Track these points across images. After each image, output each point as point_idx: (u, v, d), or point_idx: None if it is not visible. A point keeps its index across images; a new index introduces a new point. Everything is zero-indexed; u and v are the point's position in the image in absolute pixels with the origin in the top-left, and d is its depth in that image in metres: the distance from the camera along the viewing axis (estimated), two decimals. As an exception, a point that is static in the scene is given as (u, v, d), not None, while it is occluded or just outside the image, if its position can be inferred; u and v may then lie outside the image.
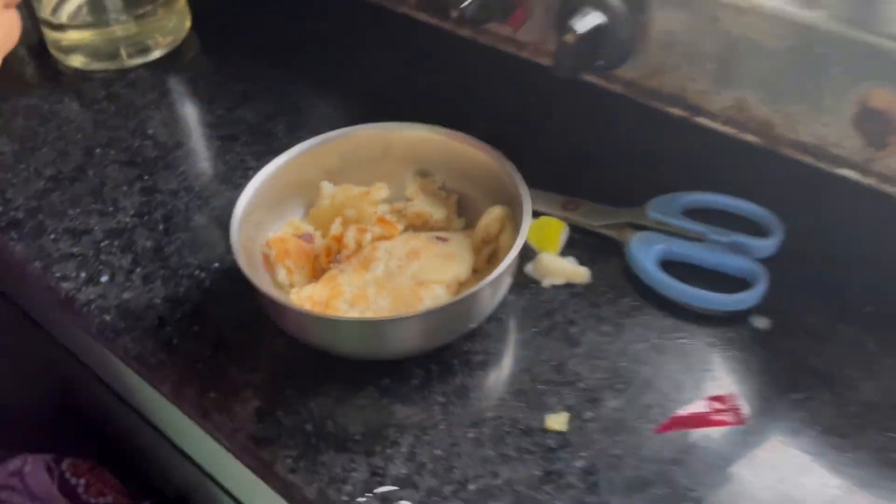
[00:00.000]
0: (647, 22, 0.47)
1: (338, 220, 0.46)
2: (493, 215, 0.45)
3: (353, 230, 0.45)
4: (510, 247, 0.41)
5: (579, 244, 0.48)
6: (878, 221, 0.45)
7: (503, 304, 0.43)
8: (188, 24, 0.68)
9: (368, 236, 0.45)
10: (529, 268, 0.47)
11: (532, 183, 0.44)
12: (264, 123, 0.59)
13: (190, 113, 0.62)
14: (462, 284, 0.43)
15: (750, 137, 0.47)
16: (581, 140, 0.55)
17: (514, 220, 0.44)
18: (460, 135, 0.47)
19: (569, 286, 0.46)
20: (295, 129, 0.58)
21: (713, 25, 0.45)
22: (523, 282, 0.46)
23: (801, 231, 0.46)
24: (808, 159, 0.45)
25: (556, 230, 0.48)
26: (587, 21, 0.46)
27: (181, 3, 0.68)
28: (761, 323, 0.43)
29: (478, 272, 0.44)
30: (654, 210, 0.48)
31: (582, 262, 0.47)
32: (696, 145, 0.49)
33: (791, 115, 0.45)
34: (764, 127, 0.46)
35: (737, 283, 0.44)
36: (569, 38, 0.46)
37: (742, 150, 0.47)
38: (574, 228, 0.49)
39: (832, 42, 0.41)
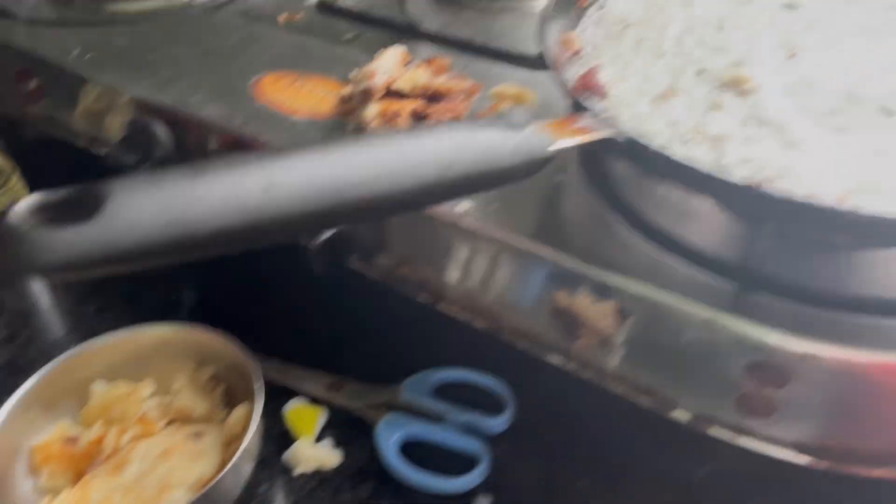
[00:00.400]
0: (387, 227, 0.52)
1: (99, 422, 0.49)
2: (236, 415, 0.49)
3: (113, 431, 0.49)
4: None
5: (339, 425, 0.52)
6: (586, 401, 0.50)
7: (254, 498, 0.47)
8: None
9: (126, 437, 0.48)
10: (287, 455, 0.51)
11: (303, 362, 0.49)
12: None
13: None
14: (206, 483, 0.47)
15: (482, 323, 0.52)
16: (350, 322, 0.59)
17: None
18: (215, 331, 0.52)
19: (318, 473, 0.50)
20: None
21: (433, 231, 0.50)
22: (279, 470, 0.50)
23: (528, 407, 0.51)
24: (526, 345, 0.50)
25: (312, 417, 0.52)
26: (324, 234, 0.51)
27: (14, 181, 0.72)
28: (485, 502, 0.47)
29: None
30: (408, 390, 0.53)
31: (338, 445, 0.51)
32: (444, 327, 0.54)
33: (507, 308, 0.50)
34: (491, 315, 0.51)
35: (469, 463, 0.49)
36: (311, 245, 0.51)
37: (480, 333, 0.52)
38: (338, 409, 0.53)
39: (526, 257, 0.47)
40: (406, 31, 0.69)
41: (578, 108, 0.43)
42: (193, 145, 0.60)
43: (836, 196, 0.38)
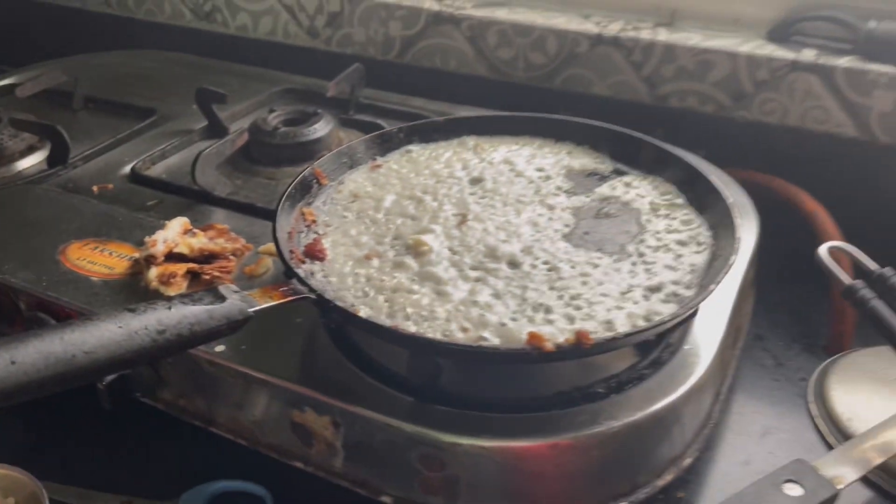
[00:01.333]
0: (164, 366, 0.65)
1: None
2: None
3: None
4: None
5: (127, 537, 0.63)
6: (323, 496, 0.62)
7: None
8: None
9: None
10: (78, 565, 0.60)
11: (97, 486, 0.59)
12: None
13: None
14: None
15: (243, 440, 0.64)
16: (137, 447, 0.70)
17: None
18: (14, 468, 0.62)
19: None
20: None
21: (199, 369, 0.63)
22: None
23: (283, 506, 0.63)
24: (277, 455, 0.63)
25: (100, 532, 0.62)
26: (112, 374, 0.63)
27: None
28: (242, 588, 0.59)
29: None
30: (185, 501, 0.64)
31: (122, 556, 0.61)
32: (217, 445, 0.66)
33: (259, 426, 0.63)
34: (250, 433, 0.64)
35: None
36: (100, 385, 0.63)
37: (245, 448, 0.65)
38: (126, 523, 0.63)
39: (267, 386, 0.60)
40: (201, 197, 0.83)
41: (289, 274, 0.58)
42: (5, 308, 0.71)
43: (461, 328, 0.54)
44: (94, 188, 0.86)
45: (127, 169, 0.90)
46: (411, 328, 0.54)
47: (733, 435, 0.70)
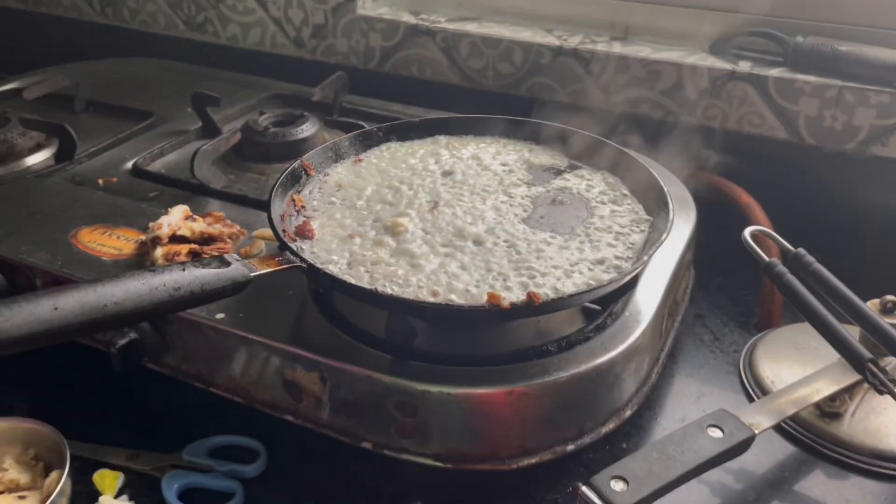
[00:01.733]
0: (170, 334, 0.73)
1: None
2: (50, 479, 0.66)
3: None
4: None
5: (136, 484, 0.70)
6: (313, 446, 0.71)
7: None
8: None
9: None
10: (92, 509, 0.68)
11: (108, 441, 0.68)
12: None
13: None
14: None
15: (240, 399, 0.73)
16: (143, 403, 0.78)
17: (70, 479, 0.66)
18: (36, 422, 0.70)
19: (119, 518, 0.68)
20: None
21: (202, 334, 0.72)
22: (85, 522, 0.67)
23: (277, 457, 0.72)
24: (270, 411, 0.71)
25: (113, 479, 0.70)
26: (125, 338, 0.71)
27: None
28: (241, 524, 0.67)
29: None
30: (187, 453, 0.72)
31: (132, 498, 0.69)
32: (216, 404, 0.74)
33: (255, 385, 0.71)
34: (246, 392, 0.72)
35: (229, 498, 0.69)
36: (112, 349, 0.71)
37: (241, 406, 0.73)
38: (135, 472, 0.71)
39: (262, 347, 0.69)
40: (198, 189, 0.92)
41: (282, 247, 0.67)
42: (22, 286, 0.79)
43: (431, 293, 0.63)
44: (100, 181, 0.94)
45: (129, 164, 0.98)
46: (389, 291, 0.64)
47: (672, 397, 0.80)
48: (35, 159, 1.01)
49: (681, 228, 0.82)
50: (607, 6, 1.09)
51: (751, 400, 0.79)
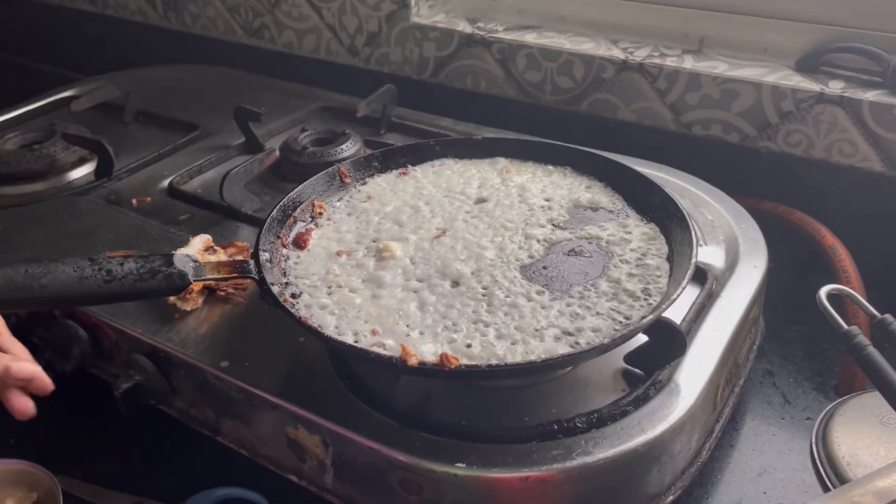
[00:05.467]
0: (176, 378, 0.69)
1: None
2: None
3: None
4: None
5: (137, 535, 0.67)
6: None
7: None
8: None
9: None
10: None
11: (113, 486, 0.66)
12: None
13: None
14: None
15: (245, 451, 0.68)
16: (148, 449, 0.75)
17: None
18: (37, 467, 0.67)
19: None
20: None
21: (206, 382, 0.67)
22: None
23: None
24: (274, 468, 0.66)
25: (112, 529, 0.67)
26: (129, 381, 0.68)
27: None
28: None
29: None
30: (191, 504, 0.68)
31: (130, 551, 0.66)
32: (224, 452, 0.70)
33: (259, 439, 0.66)
34: (251, 445, 0.68)
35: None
36: (116, 392, 0.68)
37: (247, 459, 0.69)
38: (136, 522, 0.68)
39: (265, 403, 0.64)
40: (229, 213, 0.88)
41: (253, 255, 0.65)
42: (42, 315, 0.77)
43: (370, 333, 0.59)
44: (134, 201, 0.92)
45: (165, 183, 0.95)
46: (328, 318, 0.61)
47: (729, 472, 0.70)
48: (78, 173, 1.00)
49: (746, 280, 0.72)
50: (681, 15, 0.98)
51: (821, 480, 0.69)
